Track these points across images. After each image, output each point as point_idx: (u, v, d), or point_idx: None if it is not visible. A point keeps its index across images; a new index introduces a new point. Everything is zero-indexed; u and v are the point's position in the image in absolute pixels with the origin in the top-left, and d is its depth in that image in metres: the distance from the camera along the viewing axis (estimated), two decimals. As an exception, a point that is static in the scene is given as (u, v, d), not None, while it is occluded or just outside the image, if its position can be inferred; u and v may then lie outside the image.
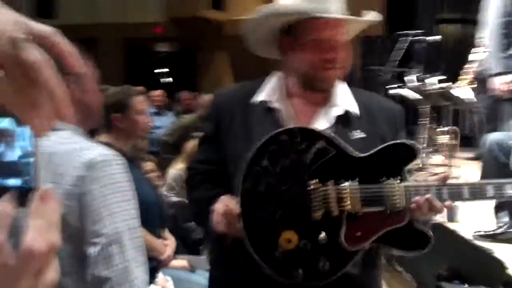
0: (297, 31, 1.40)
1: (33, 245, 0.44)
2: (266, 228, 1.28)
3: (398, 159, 1.30)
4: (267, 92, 1.46)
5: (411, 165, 1.31)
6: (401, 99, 6.28)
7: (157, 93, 6.93)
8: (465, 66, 5.02)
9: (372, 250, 1.35)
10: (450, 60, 10.45)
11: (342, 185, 1.28)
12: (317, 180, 1.28)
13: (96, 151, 1.26)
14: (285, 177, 1.29)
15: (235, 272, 1.41)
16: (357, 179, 1.28)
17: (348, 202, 1.27)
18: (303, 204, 1.28)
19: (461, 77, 5.67)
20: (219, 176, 1.43)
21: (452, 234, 2.03)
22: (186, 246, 3.86)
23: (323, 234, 1.27)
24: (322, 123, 1.41)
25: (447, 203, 1.30)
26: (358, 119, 1.40)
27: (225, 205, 1.32)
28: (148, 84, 8.53)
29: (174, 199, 4.56)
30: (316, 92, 1.43)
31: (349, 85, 1.51)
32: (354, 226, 1.27)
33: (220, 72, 12.78)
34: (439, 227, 2.04)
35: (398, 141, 1.35)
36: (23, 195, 0.47)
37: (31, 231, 0.45)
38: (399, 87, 6.22)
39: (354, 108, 1.42)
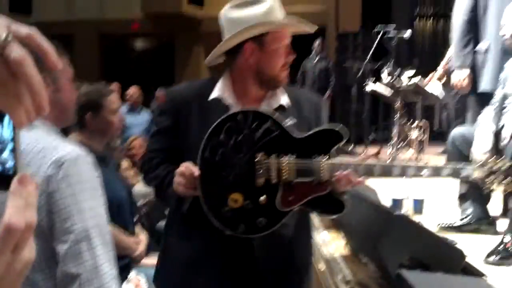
0: (264, 40, 1.64)
1: (11, 222, 0.47)
2: (218, 190, 1.56)
3: (328, 141, 1.58)
4: (221, 90, 1.69)
5: (338, 146, 1.58)
6: (375, 95, 6.40)
7: (133, 90, 6.88)
8: (440, 61, 5.12)
9: (301, 213, 1.65)
10: (425, 55, 10.63)
11: (282, 158, 1.55)
12: (263, 153, 1.56)
13: (65, 149, 1.27)
14: (237, 150, 1.56)
15: (190, 237, 1.67)
16: (295, 155, 1.55)
17: (286, 172, 1.55)
18: (249, 172, 1.56)
19: (433, 72, 5.79)
20: (174, 161, 1.63)
21: (415, 225, 2.12)
22: (159, 244, 3.91)
23: (263, 197, 1.55)
24: None
25: (361, 178, 1.58)
26: (289, 110, 1.69)
27: (186, 166, 1.54)
28: (125, 81, 8.52)
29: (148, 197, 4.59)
30: (265, 90, 1.70)
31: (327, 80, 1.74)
32: (288, 192, 1.56)
33: (198, 68, 12.78)
34: (403, 218, 2.14)
35: (329, 126, 1.63)
36: (3, 180, 0.51)
37: (10, 209, 0.48)
38: (373, 82, 6.32)
39: (286, 102, 1.70)
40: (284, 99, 1.71)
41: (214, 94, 1.68)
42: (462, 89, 3.52)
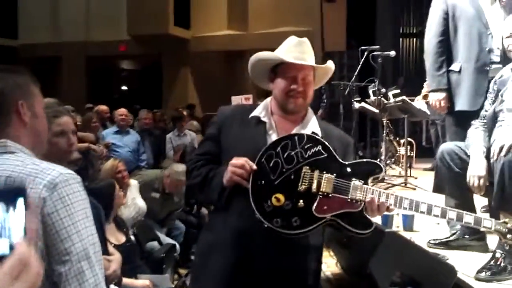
0: (278, 70, 2.04)
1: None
2: (265, 188, 1.86)
3: (366, 171, 1.91)
4: (258, 110, 2.07)
5: (374, 177, 1.90)
6: (363, 112, 6.45)
7: (121, 111, 6.86)
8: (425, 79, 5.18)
9: (332, 225, 1.89)
10: (410, 74, 10.77)
11: (324, 174, 1.87)
12: (309, 167, 1.88)
13: (55, 171, 1.29)
14: (288, 161, 1.88)
15: (227, 226, 1.95)
16: (335, 175, 1.87)
17: (325, 186, 1.86)
18: (295, 180, 1.87)
19: (423, 90, 5.86)
20: (215, 163, 2.02)
21: (406, 242, 2.12)
22: (148, 266, 3.86)
23: (301, 201, 1.83)
24: None
25: (391, 207, 1.86)
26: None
27: (246, 160, 1.87)
28: (112, 102, 8.51)
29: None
30: (289, 114, 2.04)
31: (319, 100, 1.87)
32: (324, 202, 1.84)
33: (185, 88, 12.82)
34: (394, 235, 2.13)
35: (371, 160, 2.01)
36: None
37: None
38: (360, 100, 6.37)
39: (318, 131, 2.04)
40: (316, 129, 2.04)
41: (254, 113, 2.06)
42: (439, 110, 3.57)
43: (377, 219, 3.09)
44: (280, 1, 11.85)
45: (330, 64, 2.11)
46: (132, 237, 3.89)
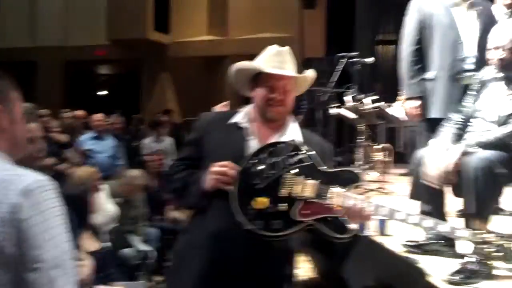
0: (258, 78, 2.09)
1: None
2: (249, 192, 1.91)
3: (347, 179, 1.95)
4: (239, 117, 2.13)
5: (353, 185, 1.94)
6: (340, 118, 6.49)
7: (98, 116, 6.81)
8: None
9: (311, 230, 1.93)
10: (388, 80, 10.87)
11: (307, 180, 1.93)
12: (292, 173, 1.94)
13: (30, 177, 1.28)
14: (273, 167, 1.94)
15: (208, 227, 1.98)
16: (317, 181, 1.92)
17: (307, 191, 1.91)
18: (278, 185, 1.92)
19: (398, 96, 5.92)
20: (195, 168, 2.07)
21: (378, 246, 2.15)
22: (123, 272, 3.84)
23: (284, 205, 1.89)
24: None
25: (370, 215, 1.91)
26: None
27: (229, 163, 1.93)
28: (90, 107, 8.42)
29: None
30: (269, 121, 2.09)
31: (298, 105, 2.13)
32: (305, 207, 1.89)
33: (164, 93, 12.77)
34: (368, 240, 2.15)
35: (351, 169, 2.04)
36: None
37: None
38: (338, 106, 6.42)
39: (299, 138, 2.09)
40: (297, 135, 2.10)
41: (235, 119, 2.12)
42: (414, 117, 3.62)
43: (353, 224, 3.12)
44: (260, 7, 11.89)
45: (310, 73, 2.16)
46: (107, 244, 3.86)
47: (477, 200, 2.55)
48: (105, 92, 14.36)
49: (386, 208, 1.92)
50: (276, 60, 2.07)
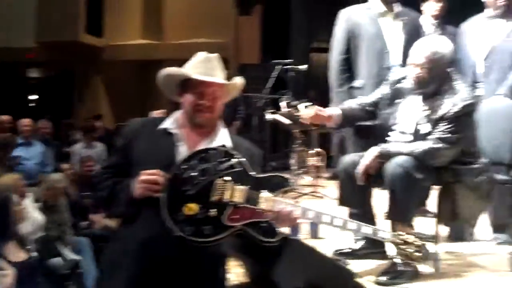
0: (186, 84, 2.10)
1: None
2: (178, 198, 1.90)
3: (277, 184, 1.99)
4: (168, 122, 2.13)
5: (283, 190, 1.99)
6: (275, 124, 6.56)
7: (25, 122, 6.55)
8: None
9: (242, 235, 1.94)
10: (321, 87, 11.11)
11: (236, 186, 1.94)
12: (223, 179, 1.94)
13: None
14: (204, 173, 1.94)
15: (137, 234, 1.95)
16: (247, 186, 1.94)
17: (237, 196, 1.93)
18: (208, 191, 1.93)
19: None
20: (122, 175, 2.04)
21: (310, 249, 2.18)
22: (52, 282, 3.71)
23: (214, 211, 1.90)
24: None
25: (298, 218, 1.97)
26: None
27: (158, 171, 1.93)
28: (19, 112, 8.07)
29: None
30: (198, 127, 2.10)
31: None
32: (235, 212, 1.92)
33: (97, 97, 12.45)
34: (297, 242, 2.18)
35: (280, 174, 2.06)
36: None
37: None
38: (273, 112, 6.48)
39: (228, 143, 2.11)
40: (226, 141, 2.12)
41: (163, 125, 2.11)
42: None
43: (285, 228, 3.16)
44: (196, 12, 11.85)
45: (238, 80, 2.20)
46: (34, 254, 3.72)
47: (397, 204, 2.64)
48: (35, 97, 13.82)
49: (313, 212, 1.99)
50: (204, 66, 2.09)
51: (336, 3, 5.08)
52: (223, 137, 2.14)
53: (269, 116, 6.34)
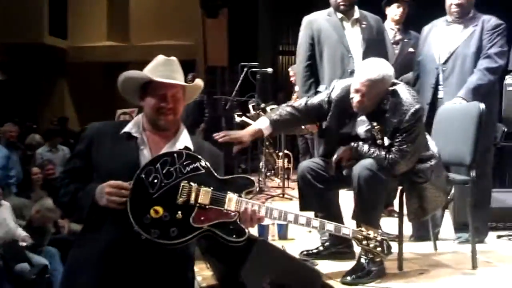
0: (147, 88, 2.12)
1: None
2: (144, 202, 1.91)
3: (241, 185, 2.05)
4: (130, 126, 2.13)
5: (247, 191, 2.05)
6: (244, 126, 6.58)
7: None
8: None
9: (208, 236, 1.97)
10: (287, 89, 11.18)
11: (202, 187, 1.97)
12: (187, 181, 1.97)
13: None
14: (168, 176, 1.95)
15: (100, 240, 1.96)
16: (212, 188, 1.98)
17: (202, 198, 1.96)
18: (174, 193, 1.95)
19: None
20: (83, 180, 2.05)
21: (275, 249, 2.20)
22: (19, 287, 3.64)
23: (179, 213, 1.92)
24: None
25: (262, 217, 2.03)
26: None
27: (120, 183, 1.93)
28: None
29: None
30: (161, 130, 2.11)
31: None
32: (201, 213, 1.95)
33: (62, 99, 12.24)
34: (264, 243, 2.20)
35: (244, 175, 2.14)
36: None
37: None
38: (241, 114, 6.51)
39: (190, 145, 2.14)
40: (188, 143, 2.14)
41: (126, 129, 2.11)
42: (309, 128, 3.74)
43: (253, 230, 3.18)
44: (162, 14, 11.78)
45: (198, 82, 2.24)
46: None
47: (364, 205, 2.69)
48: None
49: (277, 211, 2.05)
50: (165, 69, 2.10)
51: (303, 7, 5.14)
52: (185, 140, 2.15)
53: (237, 118, 6.37)
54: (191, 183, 1.96)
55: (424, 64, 3.66)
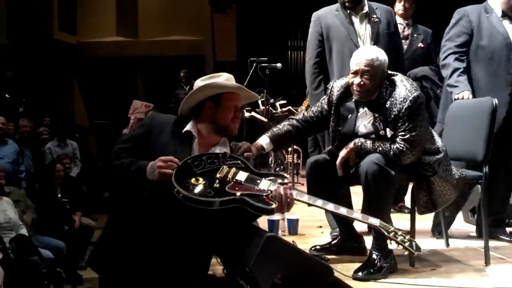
0: (221, 98, 2.34)
1: None
2: (188, 174, 2.14)
3: (276, 175, 2.28)
4: (190, 126, 2.35)
5: (281, 182, 2.23)
6: (253, 121, 6.58)
7: (-1, 120, 6.45)
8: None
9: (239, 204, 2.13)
10: (299, 85, 11.17)
11: (239, 171, 2.23)
12: (228, 166, 2.23)
13: None
14: (212, 163, 2.21)
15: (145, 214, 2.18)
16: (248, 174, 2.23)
17: (239, 176, 2.21)
18: (215, 170, 2.20)
19: (305, 100, 6.08)
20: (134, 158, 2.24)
21: (286, 244, 2.20)
22: (30, 280, 3.67)
23: (217, 183, 2.15)
24: None
25: (294, 196, 2.19)
26: None
27: (169, 158, 2.15)
28: (-11, 110, 7.93)
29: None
30: (226, 135, 2.40)
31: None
32: (236, 185, 2.16)
33: (71, 96, 12.28)
34: (274, 238, 2.20)
35: (279, 173, 2.52)
36: None
37: None
38: (250, 110, 6.50)
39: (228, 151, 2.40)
40: (228, 150, 2.40)
41: (187, 127, 2.34)
42: None
43: (264, 225, 3.17)
44: (170, 9, 11.77)
45: (256, 96, 2.55)
46: (10, 253, 3.68)
47: (373, 200, 2.66)
48: (8, 95, 13.53)
49: (306, 196, 2.23)
50: (234, 83, 2.37)
51: (312, 1, 5.10)
52: (226, 147, 2.42)
53: (246, 113, 6.36)
54: (231, 167, 2.22)
55: (489, 52, 3.44)
